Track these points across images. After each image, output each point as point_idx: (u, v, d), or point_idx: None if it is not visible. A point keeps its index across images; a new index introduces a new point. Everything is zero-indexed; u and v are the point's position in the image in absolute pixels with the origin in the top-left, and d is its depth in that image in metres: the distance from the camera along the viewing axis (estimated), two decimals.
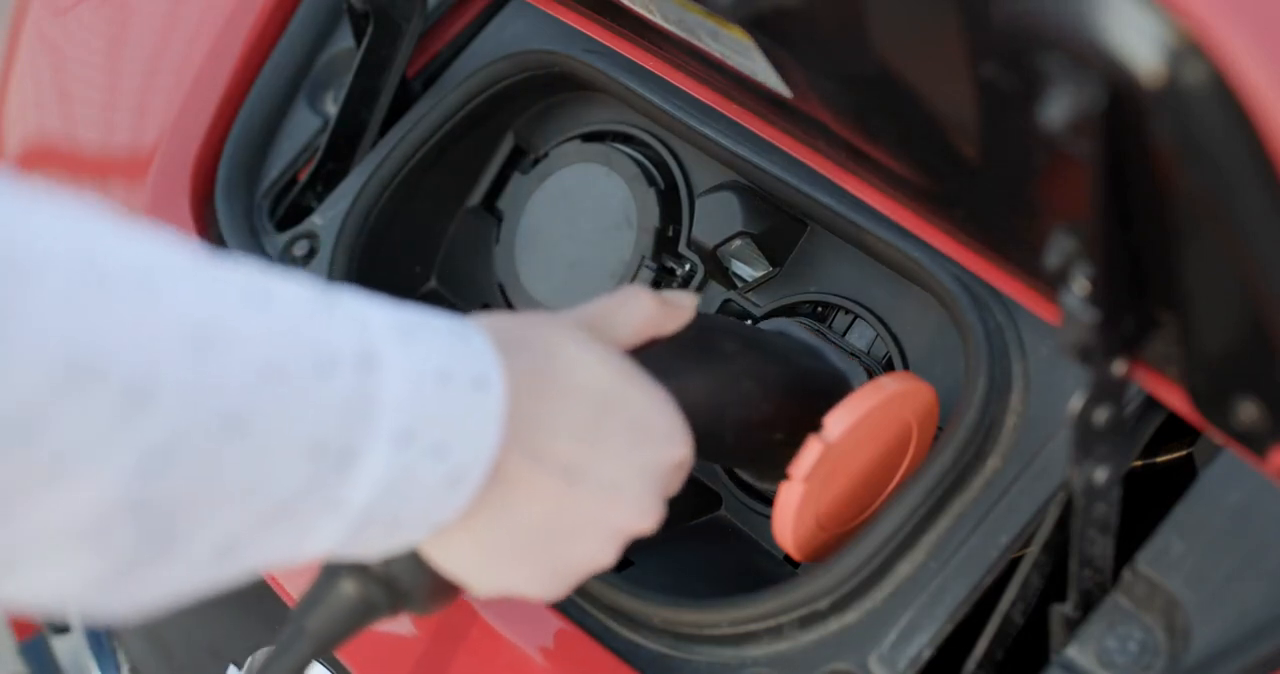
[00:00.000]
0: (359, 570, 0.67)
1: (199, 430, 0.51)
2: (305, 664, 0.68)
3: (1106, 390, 0.65)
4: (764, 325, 0.90)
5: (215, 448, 0.52)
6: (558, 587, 0.68)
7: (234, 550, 0.55)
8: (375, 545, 0.60)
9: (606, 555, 0.68)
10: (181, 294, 0.52)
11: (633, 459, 0.66)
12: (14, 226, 0.48)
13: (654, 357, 0.72)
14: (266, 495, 0.54)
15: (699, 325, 0.76)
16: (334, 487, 0.56)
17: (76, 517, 0.49)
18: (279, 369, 0.53)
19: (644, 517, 0.67)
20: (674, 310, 0.74)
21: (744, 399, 0.76)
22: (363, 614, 0.68)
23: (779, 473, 0.77)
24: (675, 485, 0.71)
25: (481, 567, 0.65)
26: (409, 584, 0.67)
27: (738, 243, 0.89)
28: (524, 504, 0.63)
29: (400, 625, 0.84)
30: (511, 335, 0.64)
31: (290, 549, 0.57)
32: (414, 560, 0.66)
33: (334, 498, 0.56)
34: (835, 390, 0.79)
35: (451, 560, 0.65)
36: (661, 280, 0.95)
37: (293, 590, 0.89)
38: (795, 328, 0.88)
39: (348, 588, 0.67)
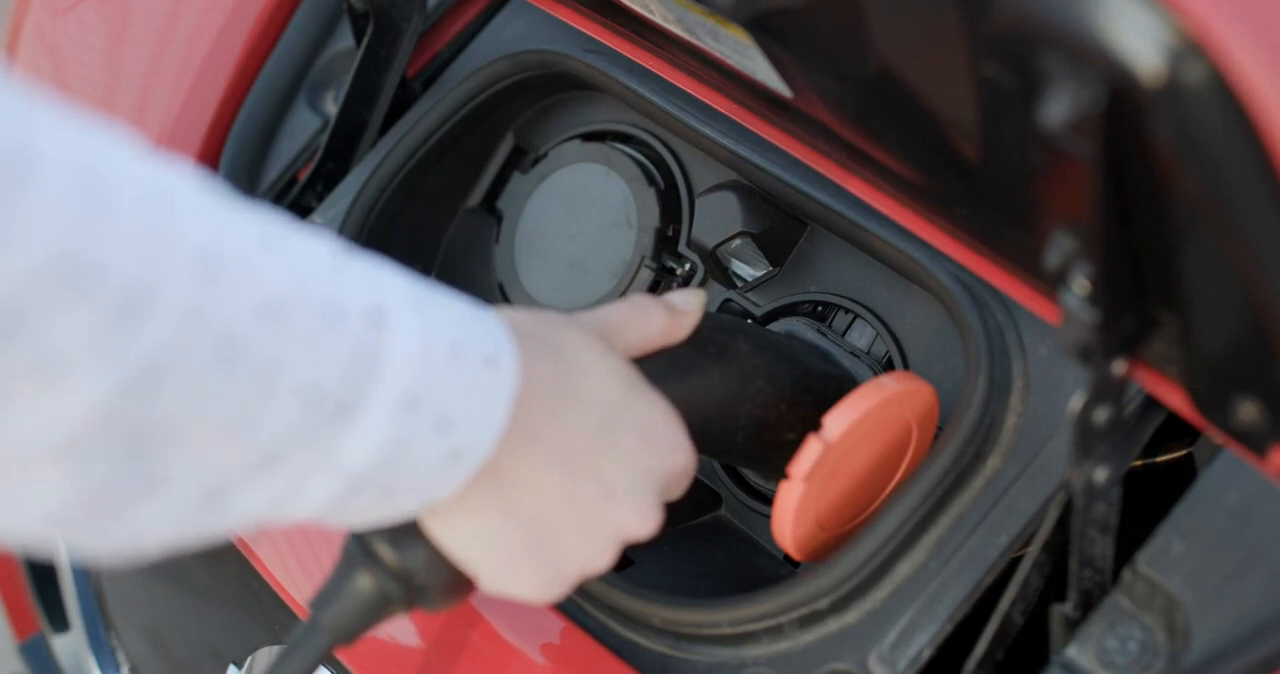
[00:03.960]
0: (376, 564, 0.67)
1: (191, 354, 0.50)
2: (321, 657, 0.68)
3: (1106, 390, 0.65)
4: (772, 327, 0.90)
5: (205, 376, 0.51)
6: (556, 588, 0.68)
7: (221, 495, 0.54)
8: (364, 515, 0.60)
9: (604, 558, 0.68)
10: (196, 221, 0.51)
11: (637, 463, 0.67)
12: (26, 122, 0.47)
13: (669, 355, 0.72)
14: (252, 436, 0.53)
15: (712, 324, 0.77)
16: (329, 440, 0.55)
17: (57, 426, 0.48)
18: (283, 308, 0.53)
19: (643, 521, 0.68)
20: (682, 320, 0.74)
21: (757, 398, 0.76)
22: (379, 608, 0.68)
23: (782, 472, 0.77)
24: (675, 493, 0.72)
25: (487, 558, 0.66)
26: (425, 579, 0.67)
27: (738, 242, 0.89)
28: (531, 497, 0.64)
29: (400, 624, 0.84)
30: (530, 330, 0.64)
31: (279, 504, 0.56)
32: (430, 555, 0.66)
33: (328, 453, 0.55)
34: (845, 391, 0.79)
35: (461, 548, 0.65)
36: (661, 280, 0.95)
37: (293, 591, 0.89)
38: (804, 329, 0.88)
39: (365, 582, 0.67)
